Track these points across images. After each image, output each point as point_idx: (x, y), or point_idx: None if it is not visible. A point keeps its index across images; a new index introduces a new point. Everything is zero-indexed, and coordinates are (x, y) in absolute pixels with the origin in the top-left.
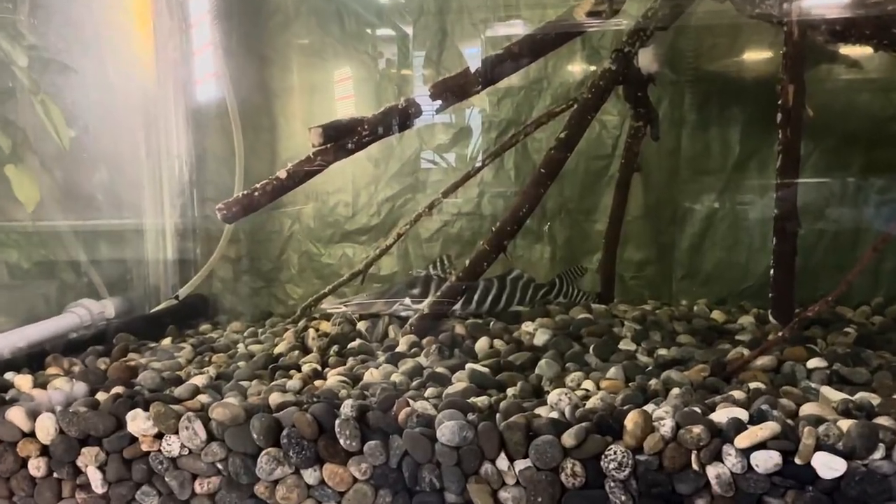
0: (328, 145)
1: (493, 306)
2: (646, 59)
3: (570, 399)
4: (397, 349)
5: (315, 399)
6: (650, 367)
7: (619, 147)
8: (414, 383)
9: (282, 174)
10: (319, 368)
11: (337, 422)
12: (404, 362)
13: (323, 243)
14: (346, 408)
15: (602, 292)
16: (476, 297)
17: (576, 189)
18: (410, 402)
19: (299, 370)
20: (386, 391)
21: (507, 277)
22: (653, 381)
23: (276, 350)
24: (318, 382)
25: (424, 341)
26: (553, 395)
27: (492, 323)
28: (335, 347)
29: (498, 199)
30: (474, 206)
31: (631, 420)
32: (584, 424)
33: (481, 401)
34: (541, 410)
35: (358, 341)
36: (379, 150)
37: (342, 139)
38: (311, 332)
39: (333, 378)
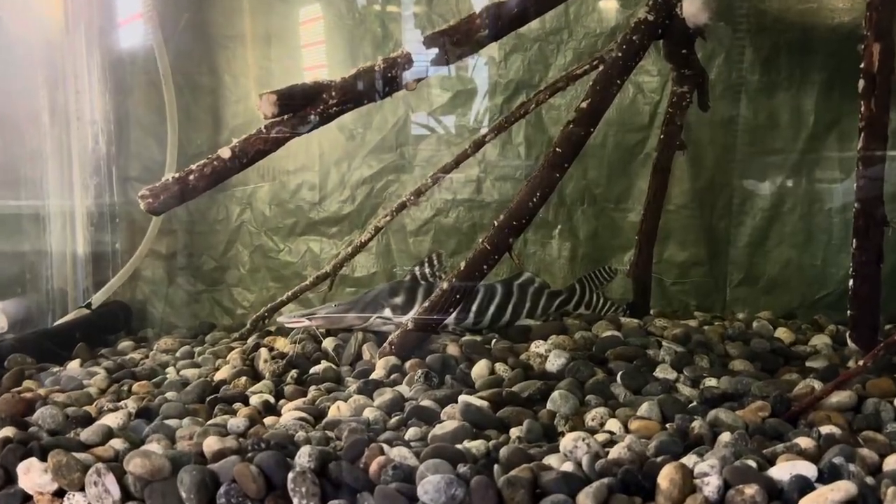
0: (285, 116)
1: (496, 319)
2: (692, 7)
3: (588, 446)
4: (373, 375)
5: (262, 445)
6: (694, 404)
7: (659, 117)
8: (392, 420)
9: (224, 153)
10: (272, 401)
11: (290, 475)
12: (381, 392)
13: (281, 236)
14: (303, 457)
15: (635, 302)
16: (474, 307)
17: (603, 169)
18: (385, 448)
19: (246, 403)
20: (355, 433)
21: (513, 283)
22: (696, 423)
23: (218, 376)
24: (269, 419)
25: (408, 365)
26: (567, 441)
27: (494, 341)
28: (293, 372)
29: (504, 182)
30: (474, 191)
31: (666, 476)
32: (605, 481)
33: (476, 446)
34: (552, 460)
35: (323, 364)
36: (354, 118)
37: (302, 109)
38: (264, 352)
39: (290, 414)
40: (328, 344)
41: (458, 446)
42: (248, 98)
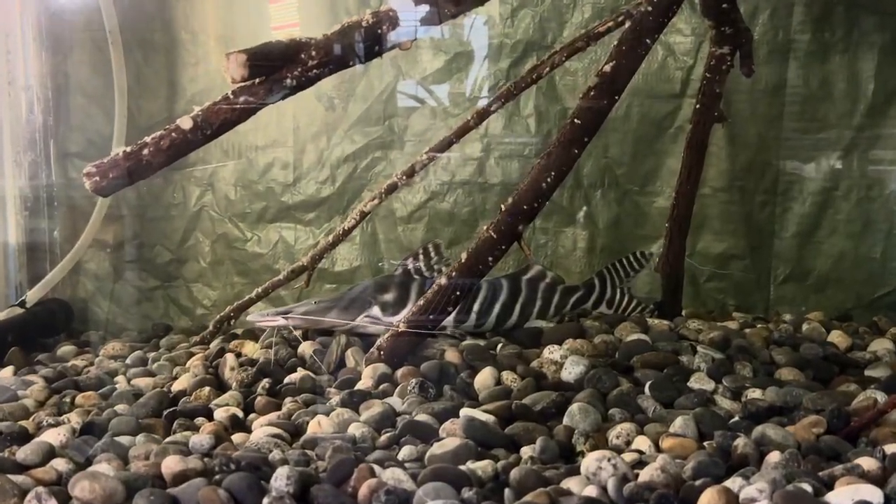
0: (255, 80)
1: (502, 320)
2: None
3: (615, 467)
4: (358, 385)
5: (232, 466)
6: (735, 418)
7: (693, 84)
8: (382, 438)
9: (185, 123)
10: (241, 415)
11: (265, 501)
12: (369, 405)
13: (248, 223)
14: (280, 479)
15: (664, 300)
16: (477, 306)
17: (626, 146)
18: (376, 469)
19: (210, 417)
20: (340, 452)
21: (521, 278)
22: (740, 441)
23: (176, 386)
24: (238, 436)
25: (399, 373)
26: (590, 461)
27: (499, 346)
28: (265, 382)
29: (510, 161)
30: (475, 171)
31: (708, 501)
32: None
33: (482, 467)
34: (571, 483)
35: (300, 372)
36: (334, 86)
37: (277, 72)
38: (230, 358)
39: (262, 430)
40: (305, 349)
41: (462, 467)
42: (209, 59)
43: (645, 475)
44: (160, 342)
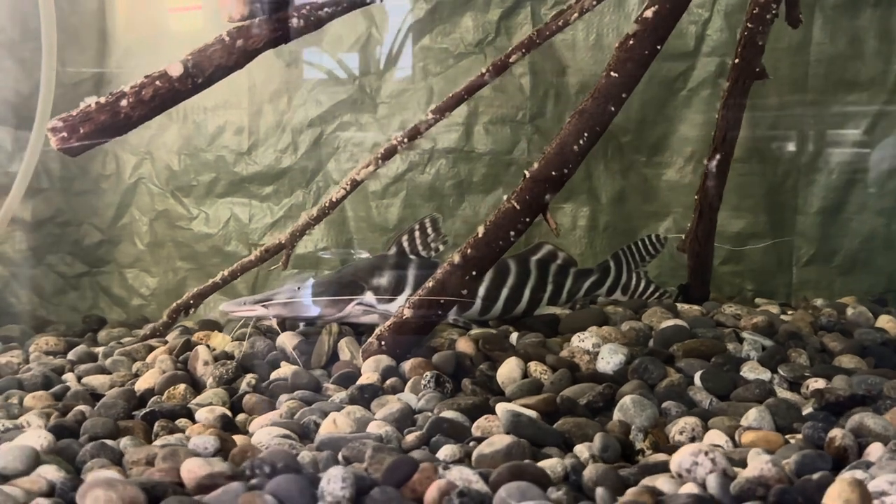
0: (256, 19)
1: (509, 307)
2: None
3: (713, 462)
4: (361, 380)
5: (267, 468)
6: (810, 409)
7: (708, 40)
8: (410, 438)
9: (174, 69)
10: (230, 414)
11: None
12: (382, 402)
13: (195, 198)
14: (334, 482)
15: (691, 283)
16: (482, 291)
17: (632, 111)
18: (442, 471)
19: (191, 418)
20: (382, 452)
21: (530, 259)
22: (837, 433)
23: (141, 384)
24: (239, 438)
25: (407, 367)
26: (683, 456)
27: (513, 335)
28: (249, 378)
29: (501, 127)
30: (461, 138)
31: (839, 497)
32: None
33: (551, 466)
34: (660, 482)
35: (285, 368)
36: None
37: (282, 9)
38: (202, 351)
39: (265, 430)
40: (285, 340)
41: (539, 464)
42: (148, 3)
43: (752, 469)
44: (96, 336)
